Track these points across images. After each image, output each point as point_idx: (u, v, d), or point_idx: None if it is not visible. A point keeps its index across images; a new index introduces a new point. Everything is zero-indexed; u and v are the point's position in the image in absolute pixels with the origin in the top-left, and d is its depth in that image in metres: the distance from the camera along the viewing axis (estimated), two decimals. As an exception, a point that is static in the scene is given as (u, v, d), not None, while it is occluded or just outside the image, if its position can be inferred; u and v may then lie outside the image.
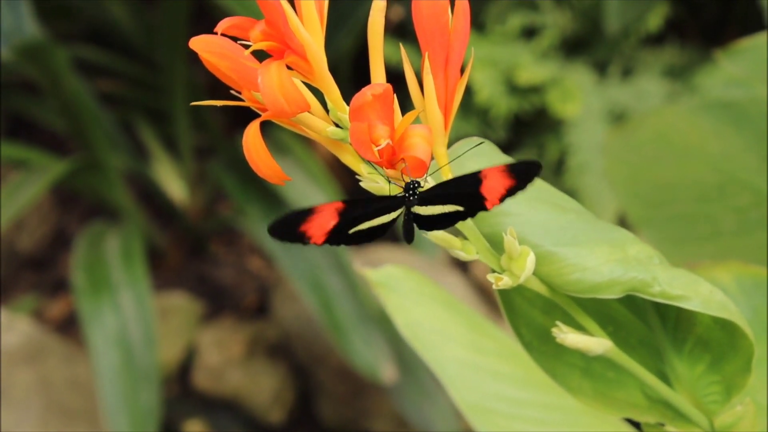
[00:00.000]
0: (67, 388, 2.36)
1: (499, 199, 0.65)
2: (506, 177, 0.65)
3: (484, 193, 0.65)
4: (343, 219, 0.67)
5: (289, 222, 0.66)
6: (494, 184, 0.65)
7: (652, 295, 0.70)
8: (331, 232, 0.67)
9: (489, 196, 0.65)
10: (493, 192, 0.65)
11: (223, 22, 0.64)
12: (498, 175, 0.64)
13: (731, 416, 0.79)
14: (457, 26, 0.66)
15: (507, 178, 0.65)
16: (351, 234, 0.68)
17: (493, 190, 0.65)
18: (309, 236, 0.67)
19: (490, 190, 0.65)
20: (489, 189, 0.65)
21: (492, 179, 0.65)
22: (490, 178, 0.65)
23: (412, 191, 0.66)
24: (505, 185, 0.65)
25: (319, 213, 0.66)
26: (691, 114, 1.50)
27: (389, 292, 1.09)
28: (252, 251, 2.79)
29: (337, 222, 0.67)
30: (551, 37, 2.68)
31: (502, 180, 0.65)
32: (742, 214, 1.44)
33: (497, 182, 0.65)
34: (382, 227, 0.68)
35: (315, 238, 0.67)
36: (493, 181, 0.65)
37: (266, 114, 0.63)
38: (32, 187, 2.24)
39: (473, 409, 1.05)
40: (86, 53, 2.68)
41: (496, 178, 0.65)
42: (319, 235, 0.67)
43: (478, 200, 0.65)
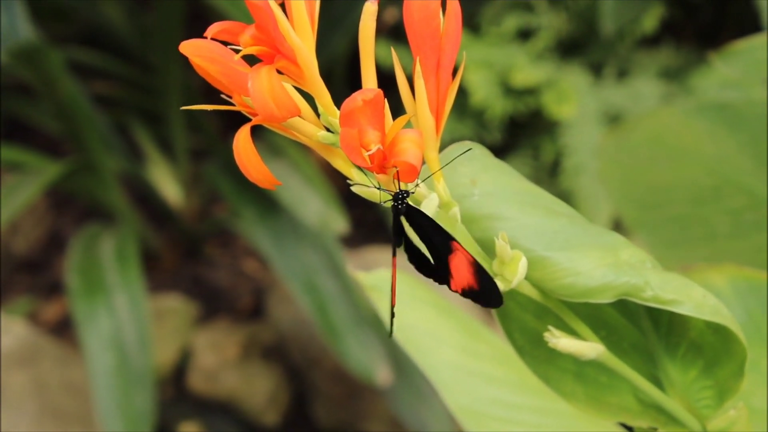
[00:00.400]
0: (61, 391, 2.36)
1: (461, 291, 0.66)
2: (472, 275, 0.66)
3: (452, 269, 0.66)
4: None
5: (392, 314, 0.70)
6: (461, 269, 0.65)
7: (644, 299, 0.70)
8: None
9: (456, 276, 0.66)
10: (459, 275, 0.66)
11: (213, 27, 0.64)
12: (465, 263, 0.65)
13: (724, 421, 0.79)
14: (449, 30, 0.66)
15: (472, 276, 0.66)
16: None
17: (460, 273, 0.66)
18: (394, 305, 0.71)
19: (457, 270, 0.66)
20: (456, 269, 0.66)
21: (459, 261, 0.65)
22: (458, 259, 0.65)
23: (401, 200, 0.66)
24: (468, 282, 0.66)
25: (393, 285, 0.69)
26: (686, 116, 1.50)
27: (382, 295, 1.09)
28: (247, 253, 2.79)
29: None
30: (546, 39, 2.67)
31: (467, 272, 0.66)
32: (737, 216, 1.44)
33: (463, 269, 0.65)
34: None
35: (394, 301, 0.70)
36: (460, 264, 0.65)
37: (257, 119, 0.63)
38: (27, 190, 2.23)
39: (466, 413, 1.04)
40: (81, 55, 2.68)
41: (463, 265, 0.65)
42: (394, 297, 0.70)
43: (445, 272, 0.66)
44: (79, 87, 2.38)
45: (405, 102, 0.68)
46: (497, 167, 0.73)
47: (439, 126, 0.67)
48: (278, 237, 2.24)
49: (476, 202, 0.71)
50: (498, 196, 0.71)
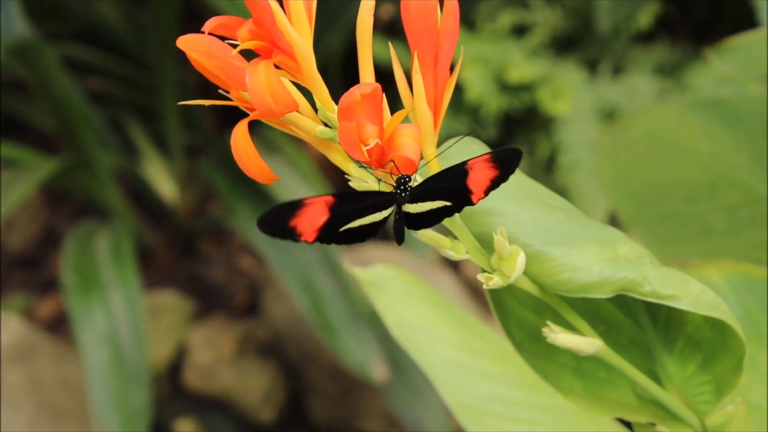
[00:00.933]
0: (57, 388, 2.36)
1: (484, 191, 0.65)
2: (490, 167, 0.65)
3: (470, 185, 0.65)
4: (334, 214, 0.66)
5: (278, 216, 0.65)
6: (479, 176, 0.64)
7: (642, 294, 0.70)
8: (322, 229, 0.66)
9: (475, 189, 0.65)
10: (478, 184, 0.65)
11: (211, 22, 0.64)
12: (483, 166, 0.64)
13: (722, 416, 0.79)
14: (446, 25, 0.66)
15: (491, 168, 0.64)
16: (342, 232, 0.67)
17: (479, 182, 0.65)
18: (299, 232, 0.65)
19: (476, 182, 0.65)
20: (474, 181, 0.65)
21: (477, 171, 0.64)
22: (476, 170, 0.64)
23: (403, 187, 0.65)
24: (490, 176, 0.65)
25: (309, 206, 0.65)
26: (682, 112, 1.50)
27: (379, 291, 1.09)
28: (242, 250, 2.78)
29: (328, 217, 0.66)
30: (542, 35, 2.67)
31: (486, 171, 0.64)
32: (733, 213, 1.44)
33: (482, 174, 0.64)
34: (374, 226, 0.67)
35: (306, 234, 0.65)
36: (479, 173, 0.64)
37: (254, 114, 0.63)
38: (22, 187, 2.23)
39: (464, 409, 1.04)
40: (76, 52, 2.68)
41: (481, 169, 0.64)
42: (309, 232, 0.65)
43: (464, 194, 0.65)
44: (74, 84, 2.37)
45: (403, 97, 0.68)
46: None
47: (437, 121, 0.67)
48: (274, 234, 2.24)
49: (474, 197, 0.71)
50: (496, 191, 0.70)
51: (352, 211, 0.66)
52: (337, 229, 0.67)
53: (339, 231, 0.67)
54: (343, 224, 0.67)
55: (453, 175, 0.65)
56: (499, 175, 0.65)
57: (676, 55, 2.71)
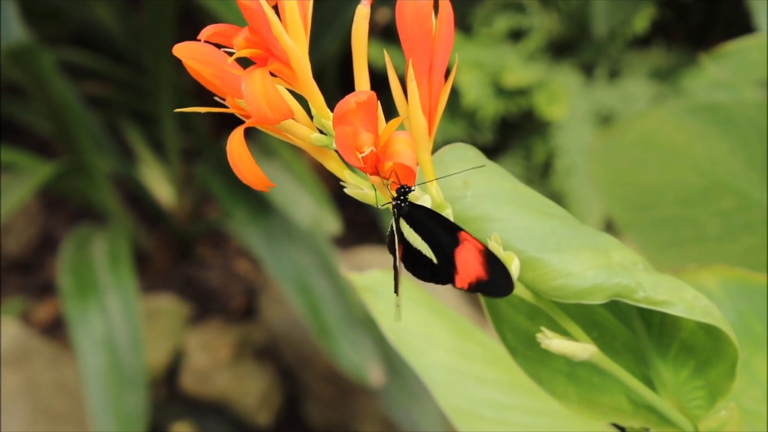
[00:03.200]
0: (53, 391, 2.36)
1: (468, 285, 0.66)
2: (481, 265, 0.65)
3: (458, 262, 0.66)
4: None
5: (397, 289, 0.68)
6: (469, 260, 0.65)
7: (636, 300, 0.70)
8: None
9: (461, 270, 0.66)
10: (465, 269, 0.65)
11: (207, 30, 0.64)
12: (474, 254, 0.65)
13: (716, 421, 0.79)
14: (441, 32, 0.66)
15: (481, 266, 0.65)
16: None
17: (466, 266, 0.65)
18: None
19: (464, 263, 0.65)
20: (463, 261, 0.65)
21: (468, 252, 0.65)
22: (466, 249, 0.65)
23: (403, 196, 0.66)
24: (477, 274, 0.65)
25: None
26: (677, 117, 1.50)
27: (375, 296, 1.09)
28: (239, 254, 2.79)
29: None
30: (538, 40, 2.68)
31: (475, 263, 0.65)
32: (727, 217, 1.44)
33: (471, 260, 0.65)
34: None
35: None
36: (468, 255, 0.65)
37: (250, 121, 0.63)
38: (19, 190, 2.23)
39: (459, 414, 1.04)
40: (72, 56, 2.68)
41: (472, 255, 0.65)
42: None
43: (450, 267, 0.66)
44: (70, 87, 2.38)
45: (398, 104, 0.68)
46: (489, 169, 0.74)
47: (432, 128, 0.68)
48: (270, 237, 2.24)
49: (469, 203, 0.71)
50: (490, 197, 0.71)
51: None
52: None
53: None
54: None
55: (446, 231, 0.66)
56: (486, 281, 0.65)
57: (672, 60, 2.71)
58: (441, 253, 0.66)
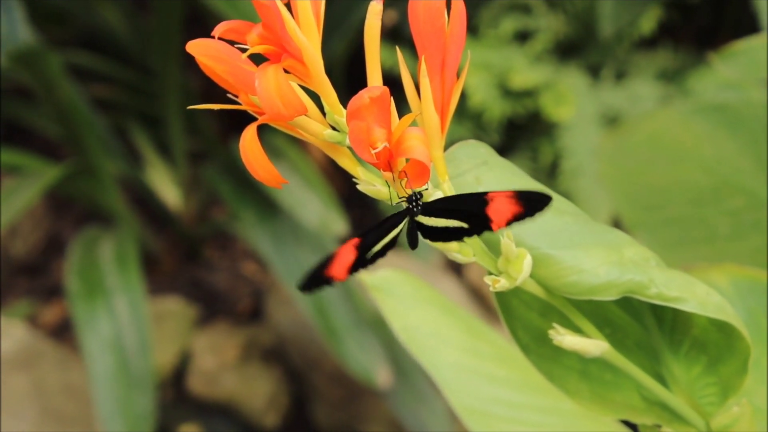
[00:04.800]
0: (61, 394, 2.36)
1: (506, 222, 0.65)
2: (514, 203, 0.65)
3: (491, 214, 0.65)
4: (360, 251, 0.67)
5: (314, 275, 0.67)
6: (501, 208, 0.65)
7: (648, 296, 0.70)
8: (351, 266, 0.67)
9: (495, 218, 0.65)
10: (499, 215, 0.65)
11: (220, 26, 0.64)
12: (505, 201, 0.65)
13: (728, 417, 0.79)
14: (454, 29, 0.66)
15: (515, 204, 0.65)
16: (369, 258, 0.68)
17: (500, 213, 0.65)
18: (333, 277, 0.67)
19: (497, 212, 0.65)
20: (496, 211, 0.65)
21: (499, 203, 0.65)
22: (497, 202, 0.65)
23: (415, 202, 0.66)
24: (513, 211, 0.65)
25: (339, 255, 0.67)
26: (685, 117, 1.50)
27: (385, 296, 1.09)
28: (246, 256, 2.79)
29: (356, 255, 0.67)
30: (544, 41, 2.68)
31: (509, 205, 0.65)
32: (737, 217, 1.44)
33: (504, 207, 0.65)
34: (393, 241, 0.69)
35: (338, 276, 0.67)
36: (500, 205, 0.65)
37: (263, 117, 0.63)
38: (26, 193, 2.23)
39: (470, 412, 1.05)
40: (80, 59, 2.68)
41: (503, 203, 0.65)
42: (342, 273, 0.67)
43: (483, 221, 0.66)
44: (78, 90, 2.38)
45: (410, 101, 0.68)
46: (501, 166, 0.74)
47: (444, 125, 0.68)
48: (278, 239, 2.24)
49: (481, 200, 0.71)
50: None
51: (374, 240, 0.68)
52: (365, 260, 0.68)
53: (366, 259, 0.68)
54: (369, 252, 0.68)
55: (471, 202, 0.66)
56: (524, 211, 0.65)
57: (679, 61, 2.71)
58: (472, 218, 0.66)
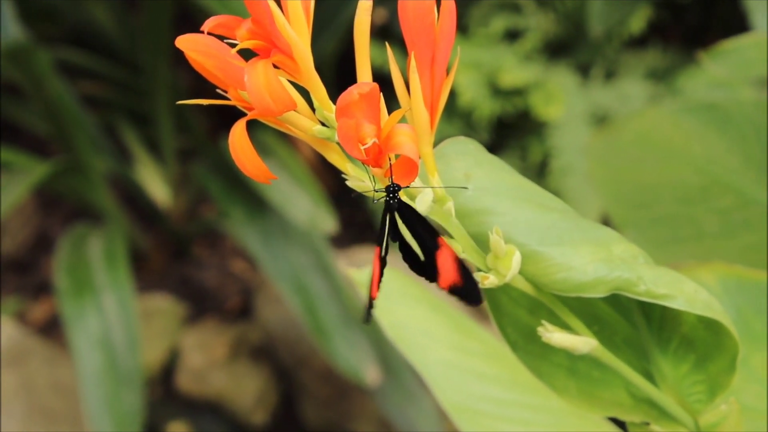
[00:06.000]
0: (49, 391, 2.36)
1: (447, 287, 0.66)
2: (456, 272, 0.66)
3: (439, 265, 0.66)
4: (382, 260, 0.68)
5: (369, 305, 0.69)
6: (446, 266, 0.66)
7: (637, 293, 0.70)
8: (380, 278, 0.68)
9: (442, 273, 0.66)
10: (444, 272, 0.66)
11: (210, 21, 0.64)
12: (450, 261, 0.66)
13: (716, 415, 0.79)
14: (443, 26, 0.66)
15: (456, 273, 0.66)
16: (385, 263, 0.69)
17: (445, 270, 0.66)
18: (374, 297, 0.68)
19: (443, 268, 0.66)
20: (442, 265, 0.66)
21: (444, 258, 0.66)
22: (443, 256, 0.66)
23: (393, 193, 0.66)
24: (453, 279, 0.66)
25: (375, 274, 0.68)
26: (675, 116, 1.50)
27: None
28: (235, 253, 2.78)
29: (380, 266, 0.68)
30: (534, 40, 2.68)
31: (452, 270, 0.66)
32: (725, 215, 1.44)
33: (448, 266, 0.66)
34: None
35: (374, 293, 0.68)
36: (445, 262, 0.66)
37: (253, 113, 0.63)
38: (15, 190, 2.23)
39: (458, 410, 1.04)
40: (69, 56, 2.67)
41: (448, 262, 0.66)
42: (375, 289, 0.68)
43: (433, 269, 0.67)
44: (67, 87, 2.37)
45: (399, 97, 0.68)
46: (491, 162, 0.74)
47: (434, 121, 0.68)
48: (267, 237, 2.24)
49: (470, 197, 0.71)
50: (492, 191, 0.71)
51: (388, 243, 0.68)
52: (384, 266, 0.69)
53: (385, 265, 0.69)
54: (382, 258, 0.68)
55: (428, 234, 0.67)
56: (460, 288, 0.66)
57: (668, 60, 2.71)
58: (426, 252, 0.67)
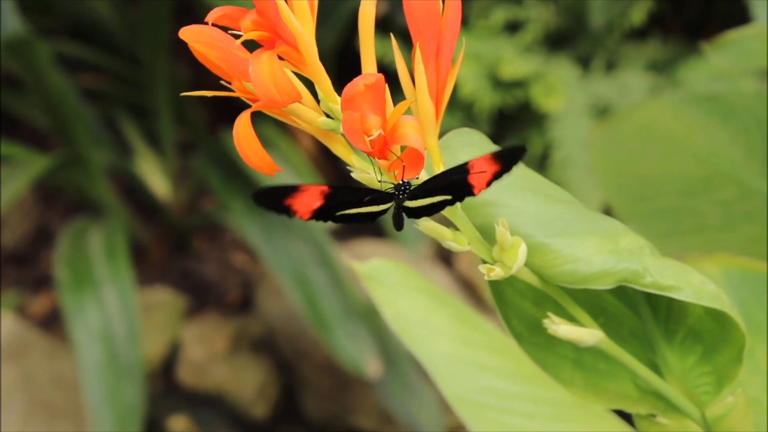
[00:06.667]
0: (50, 385, 2.35)
1: (486, 183, 0.65)
2: (492, 163, 0.64)
3: (472, 181, 0.65)
4: (328, 202, 0.66)
5: (274, 193, 0.65)
6: (481, 170, 0.64)
7: (644, 285, 0.70)
8: (316, 211, 0.66)
9: (476, 183, 0.65)
10: (480, 179, 0.65)
11: (214, 12, 0.64)
12: (484, 163, 0.64)
13: (722, 407, 0.79)
14: (449, 16, 0.66)
15: (493, 164, 0.64)
16: (338, 215, 0.67)
17: (480, 176, 0.65)
18: (294, 210, 0.66)
19: (477, 177, 0.65)
20: (476, 177, 0.65)
21: (479, 167, 0.64)
22: (477, 167, 0.64)
23: (402, 191, 0.66)
24: (492, 170, 0.64)
25: (305, 192, 0.65)
26: (676, 107, 1.50)
27: (377, 285, 1.09)
28: (235, 246, 2.78)
29: (322, 204, 0.66)
30: (535, 32, 2.68)
31: (488, 167, 0.64)
32: (727, 207, 1.44)
33: (484, 168, 0.64)
34: (371, 215, 0.68)
35: (301, 213, 0.66)
36: (480, 168, 0.64)
37: (257, 104, 0.63)
38: (15, 183, 2.22)
39: (462, 402, 1.04)
40: (69, 48, 2.67)
41: (483, 166, 0.64)
42: (304, 212, 0.66)
43: (465, 188, 0.65)
44: (66, 80, 2.37)
45: (404, 89, 0.67)
46: (495, 153, 0.73)
47: (439, 112, 0.67)
48: (267, 229, 2.24)
49: (476, 188, 0.71)
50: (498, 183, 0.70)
51: (349, 202, 0.67)
52: (333, 214, 0.67)
53: (335, 215, 0.67)
54: (339, 211, 0.67)
55: (455, 174, 0.65)
56: (501, 168, 0.65)
57: (669, 52, 2.71)
58: (455, 189, 0.66)
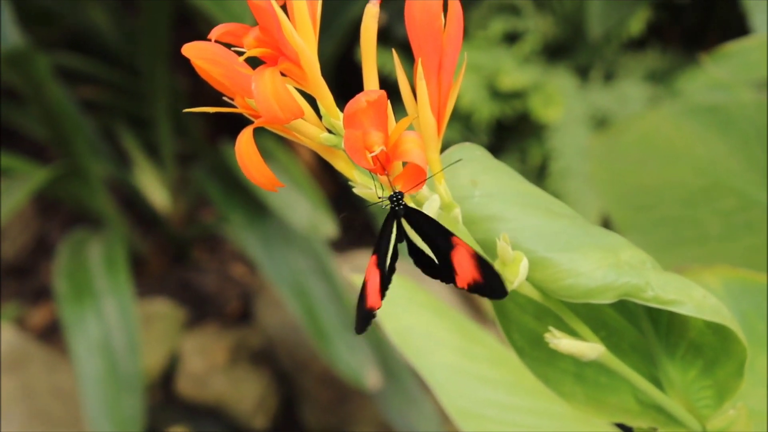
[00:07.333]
0: (49, 396, 2.35)
1: (467, 286, 0.66)
2: (475, 269, 0.65)
3: (455, 265, 0.65)
4: (380, 268, 0.67)
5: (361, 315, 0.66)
6: (464, 264, 0.65)
7: (645, 299, 0.70)
8: (381, 288, 0.67)
9: (460, 272, 0.66)
10: (462, 271, 0.65)
11: (217, 29, 0.64)
12: (467, 258, 0.65)
13: (724, 420, 0.79)
14: (451, 31, 0.66)
15: (476, 270, 0.65)
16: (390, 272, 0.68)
17: (463, 269, 0.65)
18: (374, 307, 0.66)
19: (460, 267, 0.65)
20: (459, 265, 0.65)
21: (461, 256, 0.65)
22: (459, 254, 0.65)
23: (397, 201, 0.66)
24: (473, 276, 0.65)
25: (368, 282, 0.66)
26: (676, 118, 1.50)
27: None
28: (235, 258, 2.78)
29: (380, 274, 0.67)
30: (533, 42, 2.68)
31: (470, 267, 0.65)
32: (728, 217, 1.44)
33: (466, 265, 0.65)
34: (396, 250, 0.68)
35: (376, 304, 0.66)
36: (462, 260, 0.65)
37: (260, 120, 0.63)
38: (14, 195, 2.22)
39: (463, 414, 1.04)
40: (68, 60, 2.67)
41: (465, 259, 0.65)
42: (376, 300, 0.66)
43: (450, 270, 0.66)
44: (65, 92, 2.37)
45: (406, 103, 0.67)
46: (497, 168, 0.73)
47: (441, 127, 0.67)
48: (266, 241, 2.24)
49: (477, 203, 0.71)
50: (499, 197, 0.71)
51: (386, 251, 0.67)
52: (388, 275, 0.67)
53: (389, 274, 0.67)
54: (388, 266, 0.67)
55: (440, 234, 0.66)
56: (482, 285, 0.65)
57: (667, 62, 2.71)
58: (440, 255, 0.66)
